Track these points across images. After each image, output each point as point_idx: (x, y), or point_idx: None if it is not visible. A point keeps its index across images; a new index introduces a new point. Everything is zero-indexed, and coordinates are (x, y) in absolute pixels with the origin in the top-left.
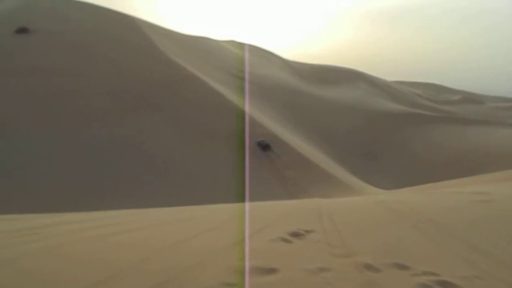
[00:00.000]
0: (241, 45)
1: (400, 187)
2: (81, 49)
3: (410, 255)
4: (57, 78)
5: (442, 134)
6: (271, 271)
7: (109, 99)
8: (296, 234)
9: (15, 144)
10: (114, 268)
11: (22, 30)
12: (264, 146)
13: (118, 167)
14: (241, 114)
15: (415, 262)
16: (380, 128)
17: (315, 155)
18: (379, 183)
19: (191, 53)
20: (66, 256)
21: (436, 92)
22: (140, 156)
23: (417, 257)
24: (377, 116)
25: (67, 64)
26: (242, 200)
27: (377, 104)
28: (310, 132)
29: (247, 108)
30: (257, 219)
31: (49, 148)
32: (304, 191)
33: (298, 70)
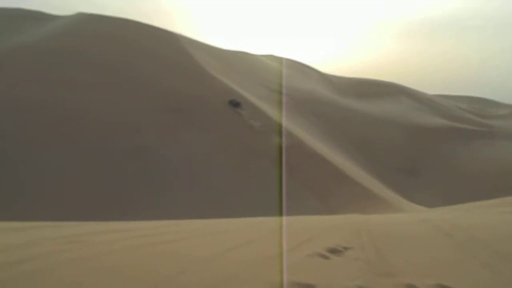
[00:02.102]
0: (279, 60)
1: (443, 205)
2: (122, 64)
3: (454, 276)
4: (97, 92)
5: (488, 149)
6: (308, 286)
7: (148, 114)
8: (334, 251)
9: (50, 153)
10: (151, 280)
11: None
12: (235, 104)
13: (159, 179)
14: (278, 128)
15: (460, 284)
16: (421, 143)
17: (354, 170)
18: (421, 200)
19: (230, 68)
20: (103, 266)
21: (481, 106)
22: (178, 169)
23: (462, 279)
24: (419, 130)
25: (105, 79)
26: (279, 214)
27: (419, 118)
28: (348, 147)
29: (284, 122)
30: (295, 233)
31: (92, 159)
32: (341, 207)
33: (336, 84)
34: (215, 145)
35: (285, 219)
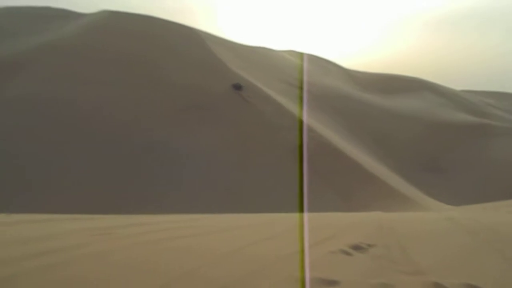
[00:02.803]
0: (300, 55)
1: (468, 203)
2: (144, 60)
3: (482, 275)
4: (120, 88)
5: None
6: (332, 283)
7: (169, 110)
8: (357, 247)
9: (76, 148)
10: (172, 274)
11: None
12: (238, 87)
13: (180, 175)
14: (299, 124)
15: (487, 283)
16: (446, 139)
17: (376, 166)
18: (445, 198)
19: (251, 64)
20: (124, 260)
21: (510, 101)
22: (198, 165)
23: (489, 277)
24: (443, 126)
25: (128, 75)
26: (300, 210)
27: (444, 114)
28: (370, 143)
29: (305, 118)
30: (317, 230)
31: (113, 153)
32: (363, 204)
33: (358, 79)
34: (234, 140)
35: (305, 215)
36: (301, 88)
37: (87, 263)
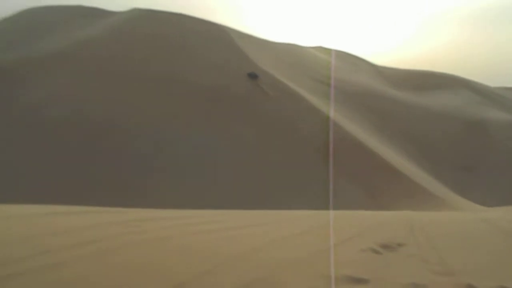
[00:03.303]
0: (329, 51)
1: (503, 204)
2: (172, 58)
3: None
4: (150, 84)
5: None
6: (361, 281)
7: (196, 106)
8: (387, 246)
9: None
10: (217, 259)
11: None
12: (253, 76)
13: (205, 172)
14: (326, 120)
15: None
16: (482, 138)
17: (406, 165)
18: (479, 199)
19: (279, 61)
20: (167, 248)
21: None
22: (226, 162)
23: None
24: (480, 125)
25: (155, 72)
26: (325, 207)
27: (480, 112)
28: (402, 142)
29: (332, 114)
30: (345, 228)
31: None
32: (391, 202)
33: (389, 76)
34: (260, 137)
35: (333, 212)
36: (330, 85)
37: (136, 250)
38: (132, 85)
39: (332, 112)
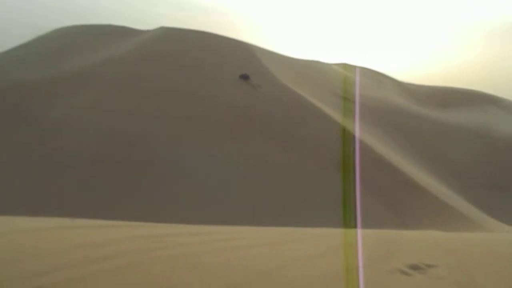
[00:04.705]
0: (352, 68)
1: None
2: (196, 73)
3: None
4: (177, 100)
5: None
6: None
7: (217, 120)
8: (416, 267)
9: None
10: (237, 278)
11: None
12: (245, 77)
13: (223, 187)
14: (349, 137)
15: None
16: (510, 157)
17: (431, 182)
18: (508, 219)
19: (302, 78)
20: (190, 265)
21: None
22: (246, 178)
23: None
24: (507, 142)
25: (181, 87)
26: (350, 225)
27: (508, 129)
28: (427, 159)
29: (356, 131)
30: (369, 247)
31: (182, 161)
32: (415, 220)
33: (413, 92)
34: (285, 154)
35: (356, 231)
36: (351, 101)
37: (157, 266)
38: (155, 103)
39: (355, 128)
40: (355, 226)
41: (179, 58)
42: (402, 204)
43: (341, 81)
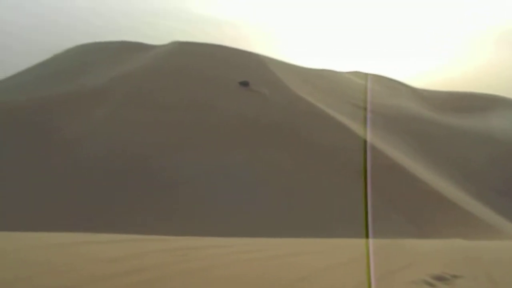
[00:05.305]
0: (365, 76)
1: None
2: (208, 84)
3: None
4: (188, 111)
5: None
6: None
7: (232, 134)
8: (441, 278)
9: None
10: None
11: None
12: (245, 84)
13: (246, 197)
14: (365, 145)
15: None
16: None
17: (451, 191)
18: None
19: (315, 87)
20: (216, 278)
21: None
22: (262, 187)
23: None
24: None
25: (195, 98)
26: (369, 235)
27: None
28: (446, 166)
29: (371, 139)
30: (391, 257)
31: (195, 170)
32: (436, 230)
33: (428, 98)
34: (298, 162)
35: (375, 241)
36: (366, 109)
37: (184, 279)
38: (169, 114)
39: (371, 137)
40: (375, 236)
41: (192, 71)
42: (422, 213)
43: (355, 90)
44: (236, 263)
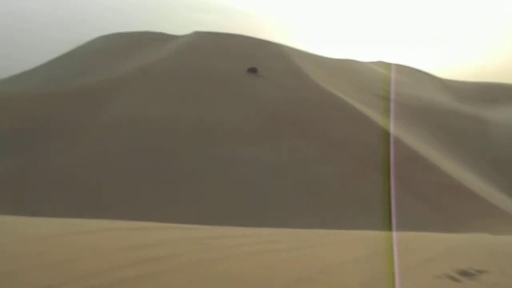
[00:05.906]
0: (389, 66)
1: None
2: (231, 77)
3: None
4: (213, 105)
5: None
6: None
7: (256, 124)
8: (465, 273)
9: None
10: (284, 281)
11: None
12: (253, 70)
13: (264, 187)
14: (388, 137)
15: None
16: None
17: (478, 184)
18: None
19: (337, 77)
20: (219, 271)
21: None
22: (281, 177)
23: None
24: None
25: (216, 92)
26: (392, 228)
27: None
28: (473, 159)
29: (392, 130)
30: (415, 251)
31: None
32: (462, 223)
33: (456, 89)
34: (320, 153)
35: (400, 234)
36: (389, 100)
37: (186, 273)
38: (190, 108)
39: (394, 128)
40: (398, 229)
41: (211, 65)
42: (447, 206)
43: (377, 80)
44: (251, 256)
